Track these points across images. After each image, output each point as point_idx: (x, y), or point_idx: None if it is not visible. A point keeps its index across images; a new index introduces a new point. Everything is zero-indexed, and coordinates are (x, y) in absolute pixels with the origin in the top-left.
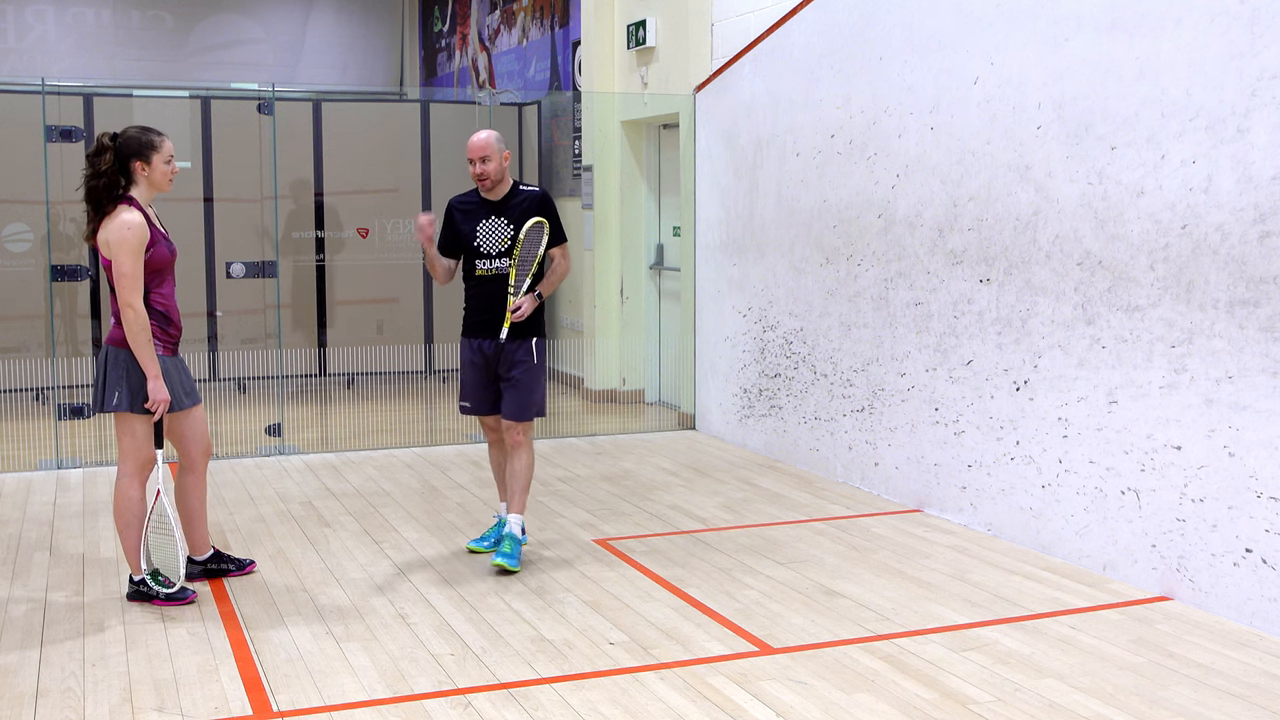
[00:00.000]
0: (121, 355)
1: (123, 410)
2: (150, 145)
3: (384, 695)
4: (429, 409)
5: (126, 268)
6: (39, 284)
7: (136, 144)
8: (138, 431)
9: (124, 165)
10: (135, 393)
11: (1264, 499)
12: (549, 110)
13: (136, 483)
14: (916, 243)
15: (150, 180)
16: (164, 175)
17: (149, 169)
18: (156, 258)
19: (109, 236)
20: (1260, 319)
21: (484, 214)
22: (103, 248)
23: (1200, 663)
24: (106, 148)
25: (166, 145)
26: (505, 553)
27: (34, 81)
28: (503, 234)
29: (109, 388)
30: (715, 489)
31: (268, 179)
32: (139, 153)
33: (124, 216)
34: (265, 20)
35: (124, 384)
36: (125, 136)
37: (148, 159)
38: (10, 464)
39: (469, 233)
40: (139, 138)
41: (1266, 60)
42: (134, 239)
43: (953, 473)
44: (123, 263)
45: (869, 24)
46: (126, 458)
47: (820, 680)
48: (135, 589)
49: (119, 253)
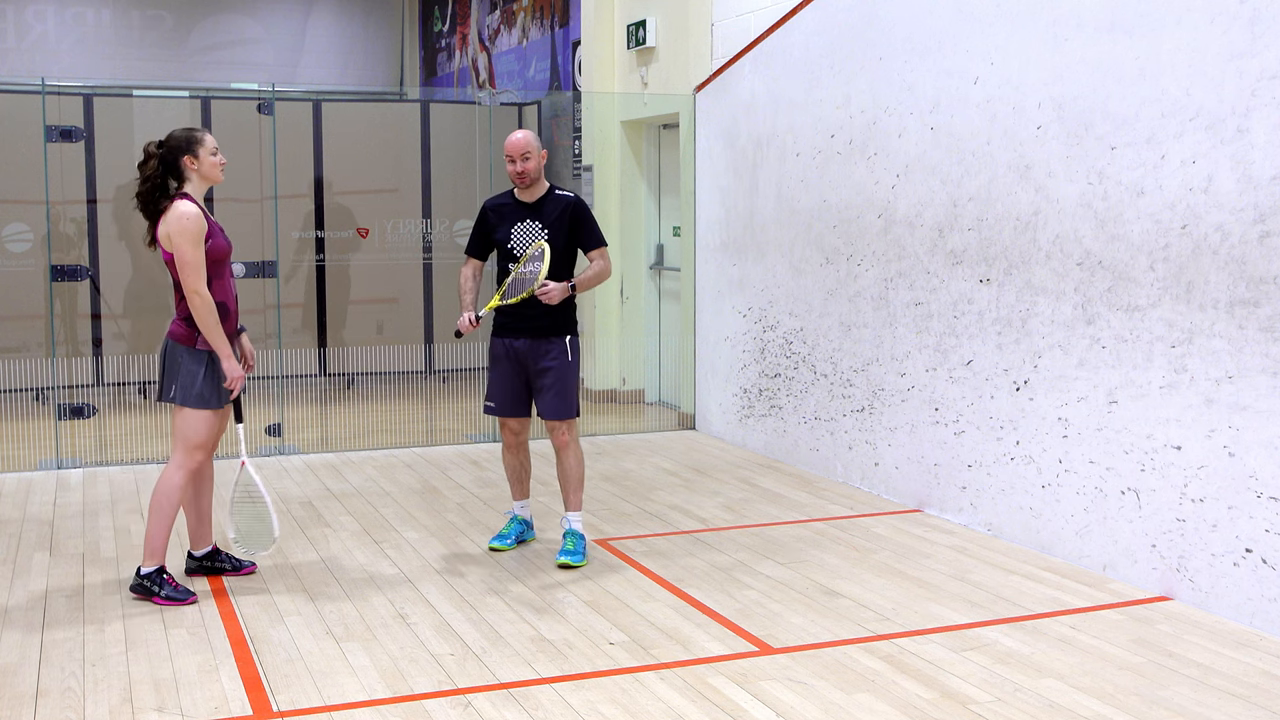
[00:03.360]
0: (178, 350)
1: (176, 403)
2: (195, 140)
3: (384, 695)
4: (429, 409)
5: (189, 256)
6: (39, 284)
7: (184, 141)
8: (188, 422)
9: (174, 165)
10: (187, 388)
11: (1264, 499)
12: (549, 110)
13: (185, 469)
14: (916, 243)
15: (201, 173)
16: (213, 166)
17: (198, 162)
18: (215, 249)
19: (169, 229)
20: (1260, 319)
21: (519, 217)
22: (164, 242)
23: (1200, 663)
24: (151, 155)
25: (209, 139)
26: (569, 550)
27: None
28: (539, 237)
29: (166, 380)
30: (715, 489)
31: (268, 179)
32: (187, 149)
33: (181, 208)
34: (265, 20)
35: (178, 378)
36: (170, 138)
37: (195, 153)
38: (10, 464)
39: (503, 235)
40: (184, 135)
41: (1266, 60)
42: (194, 228)
43: (953, 473)
44: (184, 251)
45: (869, 24)
46: (179, 446)
47: (820, 680)
48: (140, 582)
49: (180, 241)
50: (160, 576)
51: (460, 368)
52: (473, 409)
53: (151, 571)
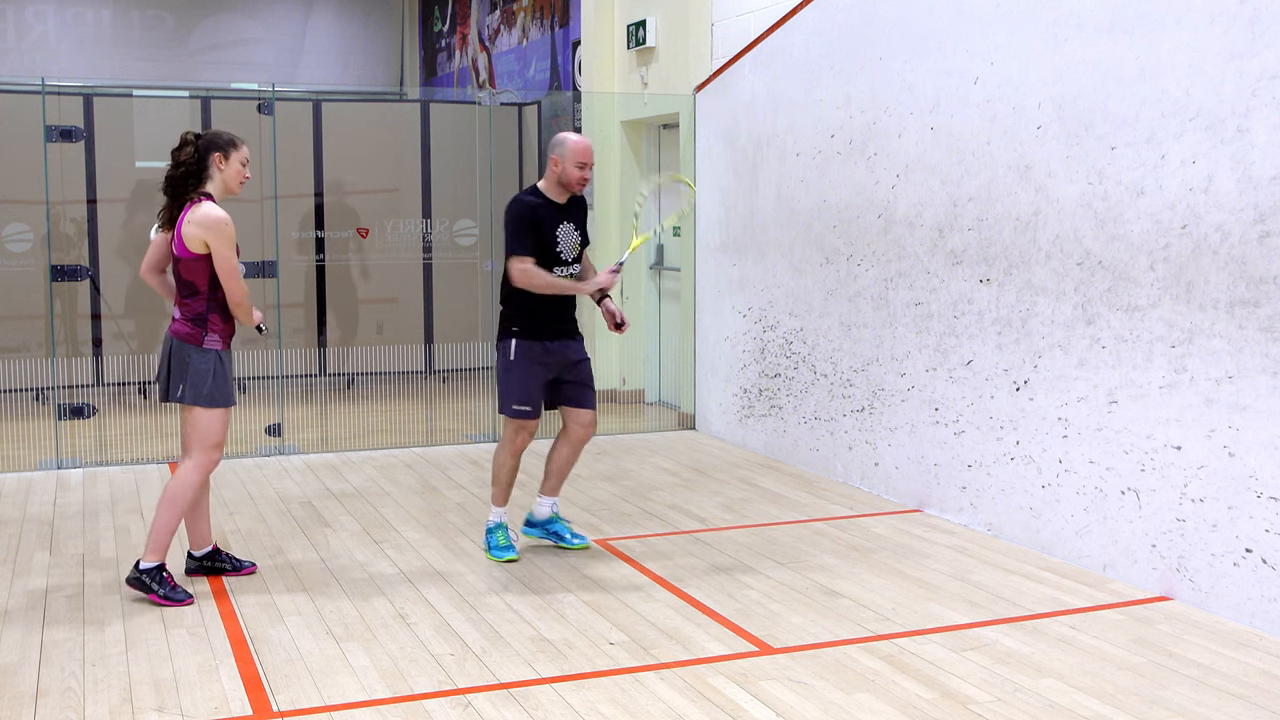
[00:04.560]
0: (184, 349)
1: (186, 403)
2: (232, 143)
3: (384, 695)
4: (429, 409)
5: (228, 259)
6: (39, 284)
7: (222, 139)
8: (200, 422)
9: (203, 159)
10: (198, 388)
11: (1264, 499)
12: (549, 110)
13: (203, 468)
14: (916, 243)
15: (225, 177)
16: (237, 175)
17: (226, 164)
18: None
19: (201, 230)
20: (1260, 319)
21: (559, 219)
22: (187, 239)
23: (1200, 663)
24: (189, 142)
25: (245, 149)
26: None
27: (34, 81)
28: (575, 238)
29: (173, 380)
30: (715, 489)
31: (268, 179)
32: (222, 147)
33: (216, 213)
34: (265, 20)
35: (186, 377)
36: (210, 132)
37: (227, 154)
38: (10, 464)
39: (551, 239)
40: (224, 134)
41: (1267, 60)
42: (230, 231)
43: (953, 473)
44: (224, 255)
45: (869, 24)
46: (198, 446)
47: (820, 680)
48: (138, 576)
49: (218, 245)
50: (159, 574)
51: (460, 368)
52: (473, 409)
53: (151, 568)
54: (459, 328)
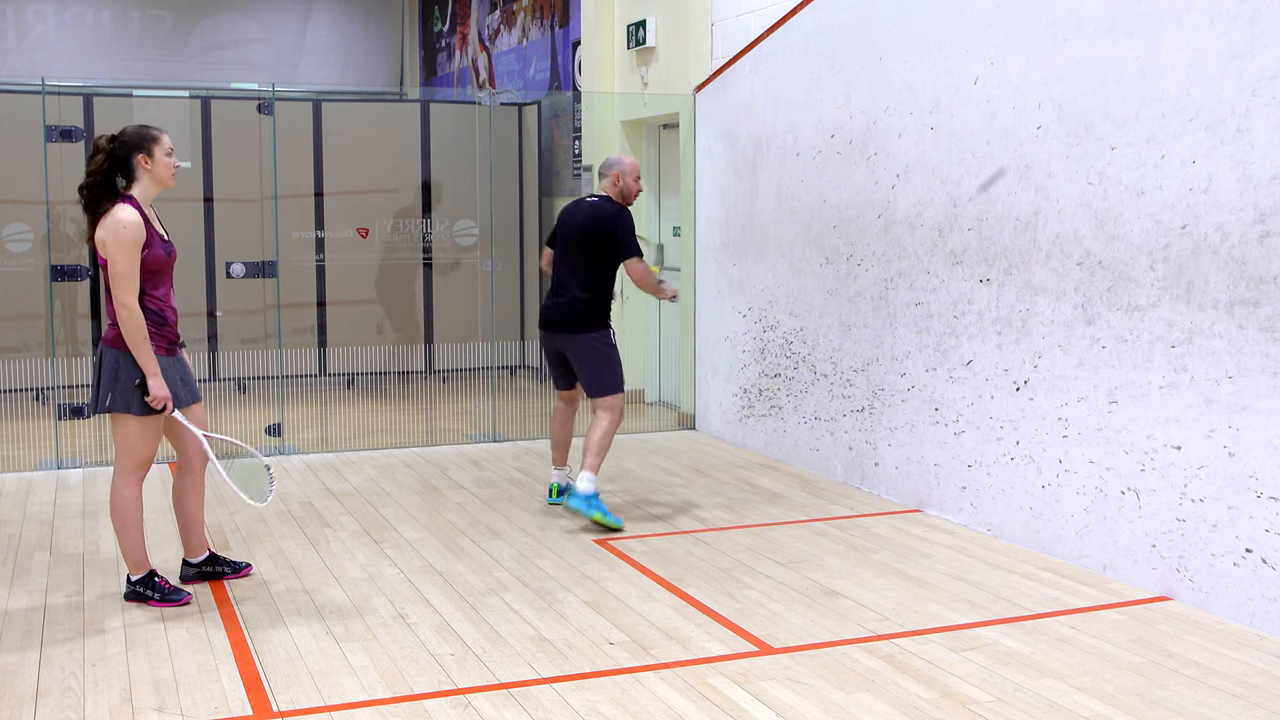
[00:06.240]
0: (115, 356)
1: (116, 411)
2: (151, 138)
3: (384, 695)
4: (429, 409)
5: (121, 266)
6: (39, 284)
7: (137, 138)
8: (131, 432)
9: (125, 162)
10: (128, 393)
11: (1264, 499)
12: (549, 110)
13: (133, 482)
14: (916, 243)
15: (154, 175)
16: (166, 169)
17: (152, 161)
18: (151, 259)
19: (105, 234)
20: (1260, 319)
21: None
22: (99, 246)
23: (1200, 663)
24: (101, 149)
25: (165, 139)
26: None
27: (34, 81)
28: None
29: (103, 388)
30: (715, 489)
31: (268, 179)
32: (140, 146)
33: (120, 215)
34: (265, 20)
35: (116, 384)
36: (124, 134)
37: (150, 151)
38: (10, 464)
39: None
40: (139, 132)
41: (1267, 60)
42: (130, 236)
43: (953, 473)
44: (117, 261)
45: (869, 24)
46: (122, 458)
47: (820, 680)
48: (133, 589)
49: (114, 250)
50: (151, 580)
51: (460, 368)
52: (473, 409)
53: (141, 578)
54: (459, 328)
